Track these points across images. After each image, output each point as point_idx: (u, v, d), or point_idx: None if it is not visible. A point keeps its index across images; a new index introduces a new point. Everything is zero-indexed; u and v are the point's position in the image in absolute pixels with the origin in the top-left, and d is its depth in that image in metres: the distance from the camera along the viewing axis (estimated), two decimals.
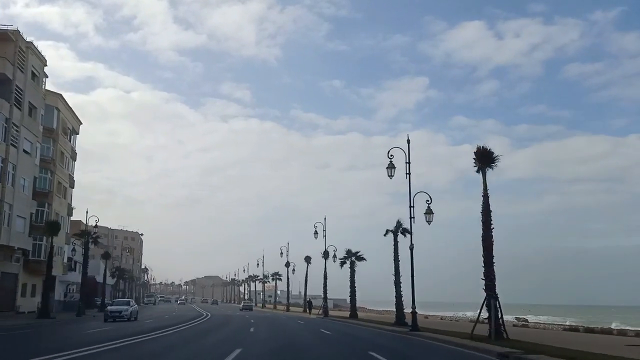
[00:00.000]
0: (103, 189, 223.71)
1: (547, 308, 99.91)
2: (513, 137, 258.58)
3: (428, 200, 22.79)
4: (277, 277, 68.76)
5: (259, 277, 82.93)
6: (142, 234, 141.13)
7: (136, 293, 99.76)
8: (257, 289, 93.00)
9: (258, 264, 71.59)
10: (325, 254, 43.06)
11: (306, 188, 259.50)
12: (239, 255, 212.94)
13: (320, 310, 47.42)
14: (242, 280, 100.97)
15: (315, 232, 41.17)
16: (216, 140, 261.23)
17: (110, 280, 77.45)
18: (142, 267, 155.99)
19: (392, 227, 29.38)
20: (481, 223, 17.40)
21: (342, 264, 38.21)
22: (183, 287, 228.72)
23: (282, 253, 54.16)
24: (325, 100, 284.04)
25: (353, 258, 38.16)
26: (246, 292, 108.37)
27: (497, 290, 17.25)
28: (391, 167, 22.95)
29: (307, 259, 50.10)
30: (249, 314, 47.79)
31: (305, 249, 66.27)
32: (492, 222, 17.31)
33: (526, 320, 43.62)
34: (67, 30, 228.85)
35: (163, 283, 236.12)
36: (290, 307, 59.68)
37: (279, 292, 74.63)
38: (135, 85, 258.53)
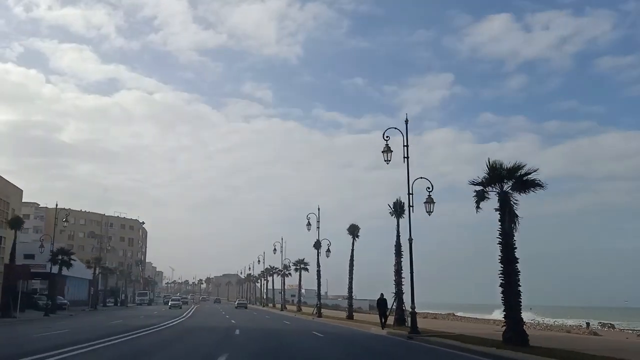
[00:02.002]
0: (129, 190, 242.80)
1: (581, 310, 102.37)
2: (543, 134, 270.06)
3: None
4: (302, 266, 61.75)
5: (277, 269, 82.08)
6: (143, 222, 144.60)
7: (126, 291, 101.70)
8: (279, 286, 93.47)
9: (275, 250, 65.57)
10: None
11: (328, 188, 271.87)
12: (261, 257, 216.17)
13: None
14: (259, 273, 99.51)
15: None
16: (238, 140, 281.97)
17: (85, 274, 78.92)
18: (145, 260, 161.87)
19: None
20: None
21: None
22: (199, 286, 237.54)
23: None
24: (347, 98, 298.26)
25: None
26: (264, 289, 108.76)
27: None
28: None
29: (353, 231, 39.47)
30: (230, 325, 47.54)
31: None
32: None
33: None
34: (89, 32, 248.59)
35: (176, 282, 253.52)
36: (321, 310, 47.75)
37: (303, 290, 74.39)
38: (157, 86, 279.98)
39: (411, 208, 23.33)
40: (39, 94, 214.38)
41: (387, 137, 24.00)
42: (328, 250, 46.43)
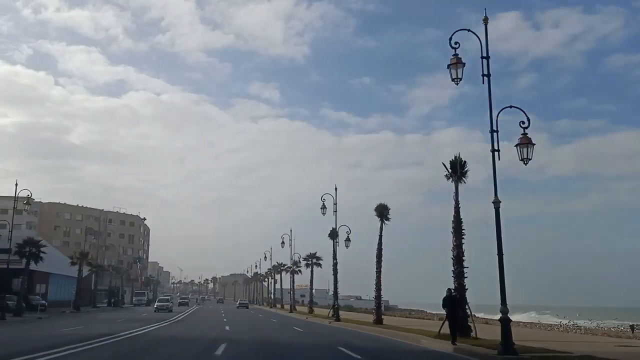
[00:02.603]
0: (138, 191, 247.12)
1: (596, 311, 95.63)
2: (553, 133, 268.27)
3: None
4: (314, 260, 54.96)
5: (285, 266, 74.10)
6: (144, 219, 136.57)
7: (121, 290, 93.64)
8: (288, 285, 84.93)
9: (283, 243, 56.61)
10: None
11: (337, 188, 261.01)
12: (268, 252, 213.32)
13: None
14: (267, 271, 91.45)
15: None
16: (246, 141, 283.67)
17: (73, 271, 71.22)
18: (147, 258, 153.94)
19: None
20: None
21: None
22: (206, 285, 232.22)
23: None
24: (355, 98, 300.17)
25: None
26: (271, 288, 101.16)
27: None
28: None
29: (381, 212, 32.26)
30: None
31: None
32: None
33: None
34: (97, 34, 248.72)
35: (182, 282, 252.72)
36: (340, 312, 39.15)
37: (314, 290, 66.48)
38: (165, 87, 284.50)
39: (497, 153, 15.88)
40: (48, 96, 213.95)
41: (455, 43, 17.61)
42: (347, 239, 38.08)
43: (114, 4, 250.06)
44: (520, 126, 15.98)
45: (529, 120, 16.03)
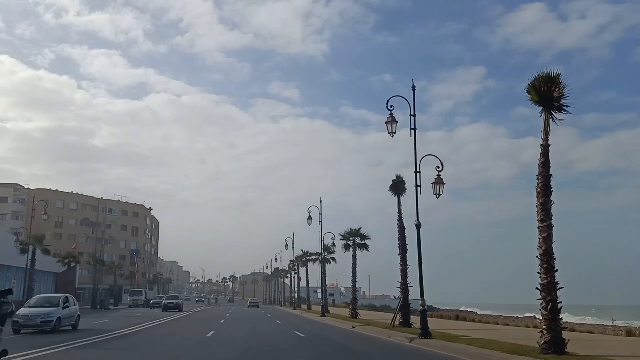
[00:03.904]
0: (161, 193, 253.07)
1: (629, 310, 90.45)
2: (582, 128, 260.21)
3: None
4: (359, 240, 37.24)
5: (311, 256, 58.39)
6: (150, 209, 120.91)
7: (113, 289, 78.09)
8: (321, 278, 67.65)
9: (310, 219, 40.99)
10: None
11: (358, 187, 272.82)
12: (290, 240, 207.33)
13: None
14: (290, 263, 75.29)
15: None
16: (267, 141, 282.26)
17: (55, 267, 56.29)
18: (157, 254, 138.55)
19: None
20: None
21: None
22: (224, 285, 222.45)
23: None
24: (376, 95, 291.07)
25: None
26: (294, 286, 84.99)
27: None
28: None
29: (397, 189, 24.88)
30: None
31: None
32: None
33: None
34: (118, 37, 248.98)
35: (199, 281, 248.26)
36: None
37: (342, 288, 50.00)
38: (185, 89, 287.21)
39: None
40: (72, 100, 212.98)
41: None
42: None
43: (134, 6, 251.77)
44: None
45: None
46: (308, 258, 58.89)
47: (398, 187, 25.40)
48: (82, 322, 25.93)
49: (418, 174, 19.76)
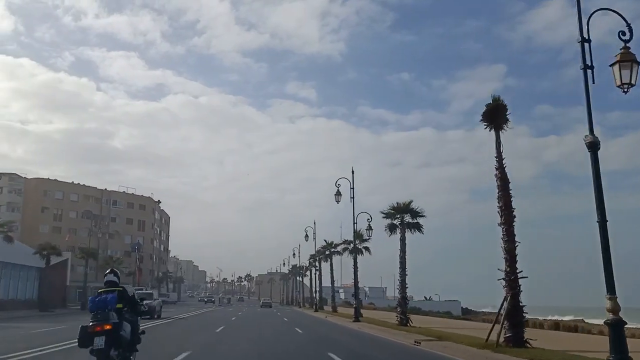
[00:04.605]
0: (179, 194, 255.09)
1: None
2: (606, 126, 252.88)
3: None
4: (409, 217, 27.93)
5: (336, 247, 49.34)
6: (159, 202, 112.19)
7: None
8: (354, 269, 57.80)
9: (339, 194, 31.01)
10: None
11: (376, 187, 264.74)
12: (310, 229, 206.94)
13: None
14: (311, 257, 65.73)
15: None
16: (284, 141, 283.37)
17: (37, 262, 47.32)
18: (167, 250, 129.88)
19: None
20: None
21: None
22: (239, 284, 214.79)
23: None
24: (394, 94, 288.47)
25: None
26: (315, 284, 75.58)
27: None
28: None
29: (492, 116, 15.24)
30: None
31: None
32: None
33: None
34: (136, 39, 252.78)
35: (214, 280, 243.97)
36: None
37: (366, 288, 40.79)
38: (203, 90, 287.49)
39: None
40: (91, 101, 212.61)
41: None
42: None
43: (151, 8, 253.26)
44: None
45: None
46: (333, 250, 49.28)
47: (496, 114, 15.65)
48: None
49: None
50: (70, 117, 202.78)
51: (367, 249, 36.70)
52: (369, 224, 32.32)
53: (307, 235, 51.85)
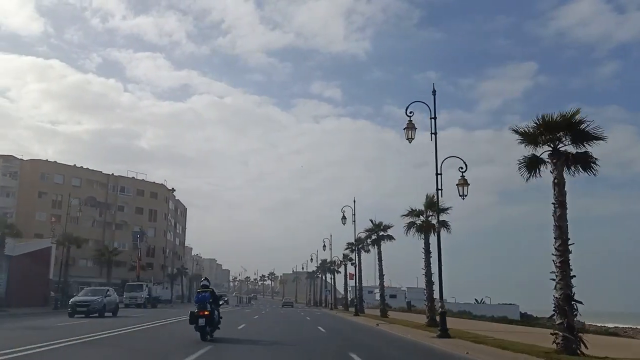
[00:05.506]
0: (205, 194, 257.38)
1: None
2: None
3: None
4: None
5: (386, 230, 39.80)
6: (173, 190, 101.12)
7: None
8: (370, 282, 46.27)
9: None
10: None
11: (402, 188, 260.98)
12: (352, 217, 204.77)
13: None
14: (345, 249, 57.12)
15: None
16: (308, 142, 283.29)
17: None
18: (183, 244, 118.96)
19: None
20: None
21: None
22: (263, 283, 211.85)
23: None
24: (420, 93, 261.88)
25: None
26: (349, 280, 66.50)
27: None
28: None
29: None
30: None
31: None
32: None
33: None
34: (162, 40, 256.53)
35: (236, 279, 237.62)
36: None
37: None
38: (227, 90, 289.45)
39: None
40: (118, 102, 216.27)
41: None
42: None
43: (177, 9, 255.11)
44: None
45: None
46: (382, 234, 37.22)
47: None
48: None
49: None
50: (98, 118, 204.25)
51: (443, 224, 24.20)
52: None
53: (344, 217, 39.86)
